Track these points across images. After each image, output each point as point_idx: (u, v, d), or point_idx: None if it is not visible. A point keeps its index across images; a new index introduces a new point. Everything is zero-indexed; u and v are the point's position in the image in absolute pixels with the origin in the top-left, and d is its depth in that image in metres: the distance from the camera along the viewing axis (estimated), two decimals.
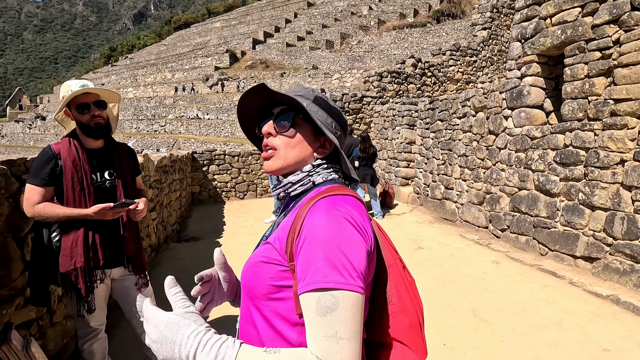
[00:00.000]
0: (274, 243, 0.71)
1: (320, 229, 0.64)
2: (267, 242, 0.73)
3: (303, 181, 0.78)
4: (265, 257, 0.70)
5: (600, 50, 3.68)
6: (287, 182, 0.79)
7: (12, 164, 1.78)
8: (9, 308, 1.66)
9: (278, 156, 0.78)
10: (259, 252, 0.73)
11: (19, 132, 35.07)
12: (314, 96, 0.81)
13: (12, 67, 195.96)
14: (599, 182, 3.65)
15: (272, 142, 0.79)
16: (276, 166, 0.78)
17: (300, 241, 0.65)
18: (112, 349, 2.27)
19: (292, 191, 0.79)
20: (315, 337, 0.58)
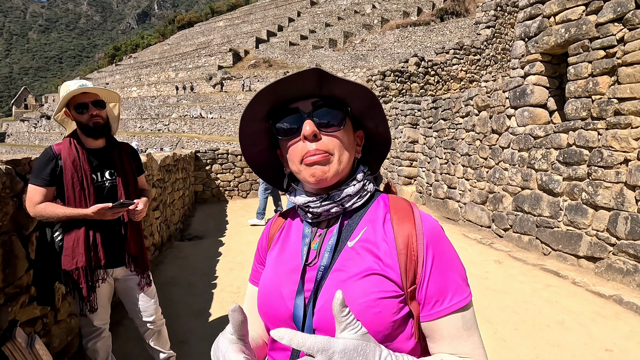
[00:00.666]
0: (384, 272, 0.60)
1: (444, 247, 0.62)
2: (370, 273, 0.60)
3: (361, 193, 0.68)
4: (382, 291, 0.59)
5: (604, 49, 3.65)
6: (345, 196, 0.65)
7: (17, 163, 1.81)
8: (14, 306, 1.68)
9: (333, 161, 0.63)
10: (365, 289, 0.59)
11: (25, 131, 35.36)
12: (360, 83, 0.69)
13: (17, 66, 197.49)
14: (603, 182, 3.63)
15: (321, 146, 0.62)
16: (333, 172, 0.63)
17: (429, 261, 0.60)
18: (116, 347, 2.29)
19: (351, 206, 0.66)
20: (465, 349, 0.60)
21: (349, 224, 0.66)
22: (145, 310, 1.89)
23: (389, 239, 0.62)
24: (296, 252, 0.68)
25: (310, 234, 0.68)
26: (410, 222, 0.63)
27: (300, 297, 0.63)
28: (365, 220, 0.66)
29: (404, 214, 0.65)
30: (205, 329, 2.76)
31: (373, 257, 0.61)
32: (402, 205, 0.67)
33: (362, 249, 0.63)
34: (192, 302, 3.18)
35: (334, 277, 0.62)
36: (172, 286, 3.51)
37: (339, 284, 0.60)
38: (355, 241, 0.64)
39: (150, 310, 1.90)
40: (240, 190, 8.47)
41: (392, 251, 0.61)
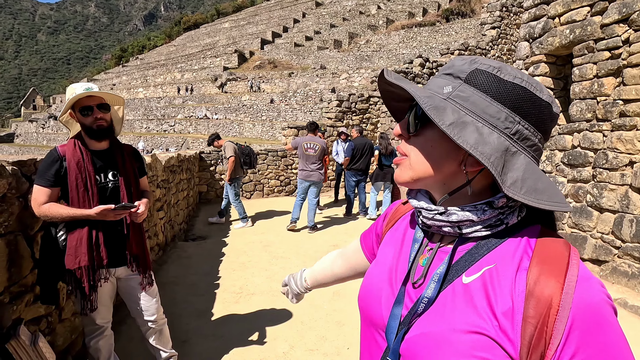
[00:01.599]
0: (498, 338, 0.46)
1: (600, 338, 0.43)
2: (478, 331, 0.47)
3: (491, 222, 0.53)
4: (485, 359, 0.46)
5: (610, 50, 3.63)
6: (465, 220, 0.53)
7: (23, 164, 1.84)
8: (19, 304, 1.71)
9: (405, 164, 0.58)
10: (464, 345, 0.47)
11: (33, 131, 35.81)
12: (470, 71, 0.53)
13: (26, 68, 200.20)
14: (608, 184, 3.60)
15: (402, 147, 0.59)
16: (404, 177, 0.58)
17: (571, 349, 0.43)
18: (119, 346, 2.32)
19: (471, 233, 0.54)
20: None
21: (471, 253, 0.53)
22: (147, 310, 1.91)
23: (516, 297, 0.47)
24: (403, 255, 0.62)
25: (421, 240, 0.60)
26: (558, 282, 0.45)
27: (398, 307, 0.56)
28: (494, 256, 0.51)
29: (553, 269, 0.47)
30: (207, 329, 2.78)
31: (488, 311, 0.48)
32: (556, 253, 0.48)
33: (478, 292, 0.50)
34: (195, 302, 3.21)
35: (436, 312, 0.52)
36: (175, 286, 3.54)
37: (439, 324, 0.50)
38: (473, 279, 0.51)
39: (152, 309, 1.93)
40: (244, 191, 8.51)
41: (516, 314, 0.46)
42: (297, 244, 4.98)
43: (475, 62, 0.53)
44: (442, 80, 0.55)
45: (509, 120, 0.50)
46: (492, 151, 0.48)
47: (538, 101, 0.51)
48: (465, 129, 0.49)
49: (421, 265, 0.57)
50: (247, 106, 24.28)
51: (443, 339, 0.49)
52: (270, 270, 4.03)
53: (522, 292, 0.47)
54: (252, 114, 23.56)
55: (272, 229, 5.76)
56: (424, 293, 0.53)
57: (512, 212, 0.53)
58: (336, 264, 0.93)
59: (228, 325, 2.84)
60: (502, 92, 0.51)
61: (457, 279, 0.52)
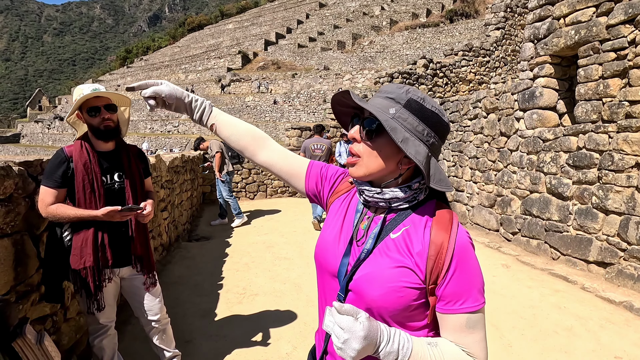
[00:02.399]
0: (415, 268, 0.73)
1: (468, 262, 0.73)
2: (402, 265, 0.74)
3: (409, 198, 0.79)
4: (409, 282, 0.73)
5: (615, 51, 3.60)
6: (393, 197, 0.78)
7: (29, 165, 1.85)
8: (25, 303, 1.73)
9: (361, 164, 0.78)
10: (396, 277, 0.73)
11: (39, 132, 36.10)
12: (407, 99, 0.75)
13: (32, 69, 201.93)
14: (613, 186, 3.57)
15: (355, 149, 0.79)
16: (359, 174, 0.79)
17: (451, 271, 0.72)
18: (123, 345, 2.33)
19: (397, 206, 0.79)
20: (465, 341, 0.73)
21: (395, 219, 0.79)
22: (151, 310, 1.92)
23: (424, 243, 0.74)
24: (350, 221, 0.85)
25: (361, 211, 0.84)
26: (446, 234, 0.73)
27: (347, 258, 0.80)
28: (410, 220, 0.78)
29: (444, 226, 0.75)
30: (211, 329, 2.79)
31: (407, 253, 0.75)
32: (445, 217, 0.77)
33: (401, 243, 0.76)
34: (199, 302, 3.22)
35: (373, 258, 0.77)
36: (179, 286, 3.56)
37: (376, 266, 0.75)
38: (398, 235, 0.77)
39: (155, 309, 1.93)
40: (248, 192, 8.53)
41: (424, 253, 0.73)
42: (300, 245, 4.99)
43: (409, 92, 0.76)
44: (385, 102, 0.76)
45: (429, 136, 0.76)
46: (423, 158, 0.73)
47: (443, 122, 0.78)
48: (408, 143, 0.72)
49: (362, 229, 0.82)
50: (251, 107, 24.34)
51: (379, 273, 0.75)
52: (273, 271, 4.04)
53: (427, 241, 0.74)
54: (256, 115, 23.61)
55: (276, 230, 5.77)
56: (365, 246, 0.79)
57: (421, 192, 0.80)
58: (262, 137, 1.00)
59: (231, 326, 2.84)
60: (425, 116, 0.75)
61: (386, 237, 0.78)
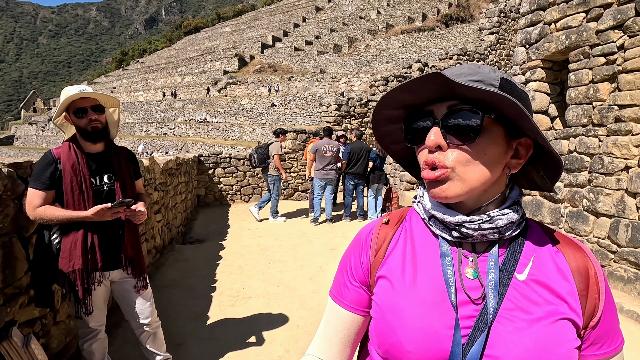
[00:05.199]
0: (574, 316, 0.53)
1: (609, 291, 0.58)
2: (561, 317, 0.52)
3: (519, 220, 0.58)
4: (575, 339, 0.53)
5: (605, 56, 3.66)
6: (508, 223, 0.55)
7: (19, 166, 1.85)
8: (13, 306, 1.72)
9: (454, 178, 0.54)
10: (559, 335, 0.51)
11: (33, 134, 35.84)
12: (499, 79, 0.54)
13: (27, 70, 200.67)
14: (604, 189, 3.61)
15: (441, 160, 0.54)
16: (454, 192, 0.54)
17: (602, 304, 0.55)
18: (113, 348, 2.31)
19: (510, 234, 0.57)
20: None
21: (511, 252, 0.56)
22: (141, 313, 1.91)
23: (567, 276, 0.55)
24: (436, 276, 0.57)
25: (450, 253, 0.57)
26: (584, 256, 0.56)
27: (458, 332, 0.53)
28: (528, 249, 0.57)
29: (576, 248, 0.57)
30: (203, 332, 2.78)
31: (554, 297, 0.53)
32: (563, 236, 0.60)
33: (537, 284, 0.54)
34: (191, 305, 3.20)
35: (508, 318, 0.52)
36: (172, 289, 3.54)
37: (524, 327, 0.51)
38: (527, 273, 0.55)
39: (146, 312, 1.92)
40: (243, 195, 8.51)
41: (574, 292, 0.54)
42: (294, 248, 4.98)
43: (495, 70, 0.56)
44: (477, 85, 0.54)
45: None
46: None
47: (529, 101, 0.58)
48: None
49: (470, 278, 0.55)
50: (247, 109, 24.35)
51: (539, 337, 0.51)
52: (267, 273, 4.03)
53: (569, 271, 0.56)
54: (252, 118, 23.61)
55: (270, 233, 5.76)
56: (488, 304, 0.53)
57: (520, 206, 0.59)
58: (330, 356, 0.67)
59: (224, 329, 2.83)
60: (522, 99, 0.55)
61: (512, 279, 0.54)
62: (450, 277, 0.55)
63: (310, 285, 3.67)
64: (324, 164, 6.08)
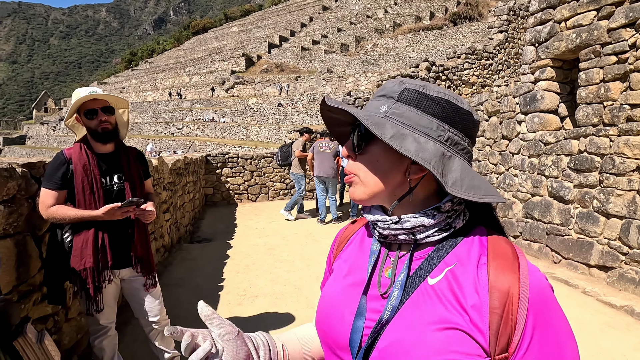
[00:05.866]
0: (470, 330, 0.50)
1: (553, 317, 0.50)
2: (451, 326, 0.50)
3: (441, 226, 0.57)
4: (464, 354, 0.49)
5: (616, 55, 3.60)
6: (418, 226, 0.56)
7: (32, 166, 1.89)
8: (27, 303, 1.76)
9: (357, 182, 0.61)
10: (443, 344, 0.50)
11: (44, 133, 36.44)
12: (400, 90, 0.58)
13: (38, 71, 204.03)
14: (615, 189, 3.56)
15: (349, 166, 0.62)
16: (358, 195, 0.61)
17: (528, 334, 0.49)
18: (123, 345, 2.35)
19: (425, 238, 0.57)
20: None
21: (432, 257, 0.57)
22: (151, 311, 1.94)
23: (481, 290, 0.51)
24: (362, 268, 0.62)
25: (378, 251, 0.62)
26: (514, 275, 0.51)
27: (360, 320, 0.57)
28: (453, 256, 0.55)
29: (507, 263, 0.52)
30: None
31: (458, 307, 0.51)
32: (504, 249, 0.54)
33: (444, 291, 0.53)
34: None
35: (405, 317, 0.53)
36: (179, 287, 3.58)
37: (410, 328, 0.52)
38: (438, 279, 0.54)
39: (155, 310, 1.95)
40: (250, 194, 8.56)
41: (483, 307, 0.50)
42: (301, 247, 5.00)
43: (404, 82, 0.59)
44: (377, 101, 0.60)
45: (440, 129, 0.56)
46: (431, 156, 0.53)
47: (461, 110, 0.58)
48: (405, 140, 0.54)
49: (387, 277, 0.59)
50: (254, 109, 24.45)
51: (417, 341, 0.51)
52: (274, 273, 4.05)
53: (486, 286, 0.51)
54: (259, 117, 23.70)
55: (277, 232, 5.79)
56: (388, 301, 0.55)
57: (457, 216, 0.58)
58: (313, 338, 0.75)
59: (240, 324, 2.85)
60: (429, 105, 0.56)
61: (422, 282, 0.55)
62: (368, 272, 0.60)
63: (316, 285, 3.68)
64: (321, 163, 6.11)
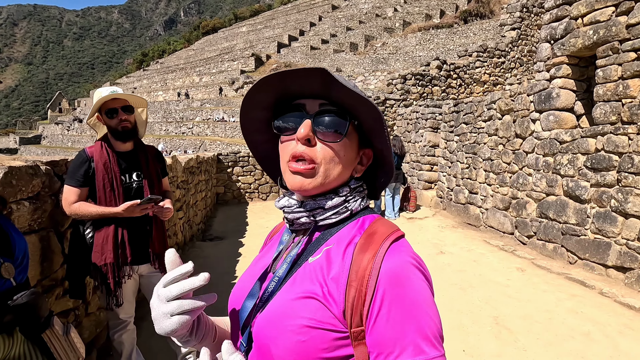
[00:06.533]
0: (325, 300, 0.52)
1: (403, 291, 0.51)
2: (309, 295, 0.53)
3: (339, 209, 0.60)
4: (314, 320, 0.51)
5: (636, 51, 3.52)
6: (317, 207, 0.59)
7: (55, 164, 1.94)
8: (50, 297, 1.80)
9: (318, 173, 0.58)
10: (295, 310, 0.52)
11: (59, 133, 37.16)
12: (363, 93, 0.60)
13: (53, 72, 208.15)
14: (633, 189, 3.48)
15: (310, 153, 0.57)
16: (314, 185, 0.58)
17: (377, 302, 0.50)
18: (141, 341, 2.40)
19: (322, 220, 0.60)
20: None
21: (319, 239, 0.60)
22: None
23: (344, 266, 0.54)
24: (270, 256, 0.66)
25: (287, 241, 0.64)
26: (372, 253, 0.53)
27: (251, 300, 0.60)
28: (335, 238, 0.59)
29: (373, 242, 0.55)
30: None
31: (321, 279, 0.54)
32: (380, 231, 0.56)
33: (316, 268, 0.56)
34: None
35: (284, 290, 0.57)
36: None
37: (284, 299, 0.56)
38: (316, 258, 0.57)
39: None
40: (261, 193, 8.61)
41: (341, 279, 0.53)
42: None
43: None
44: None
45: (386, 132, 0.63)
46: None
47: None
48: None
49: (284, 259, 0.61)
50: None
51: (281, 310, 0.54)
52: None
53: (349, 262, 0.54)
54: None
55: None
56: (276, 273, 0.59)
57: (355, 201, 0.62)
58: None
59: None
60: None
61: (305, 262, 0.58)
62: (271, 259, 0.63)
63: None
64: None
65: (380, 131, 0.61)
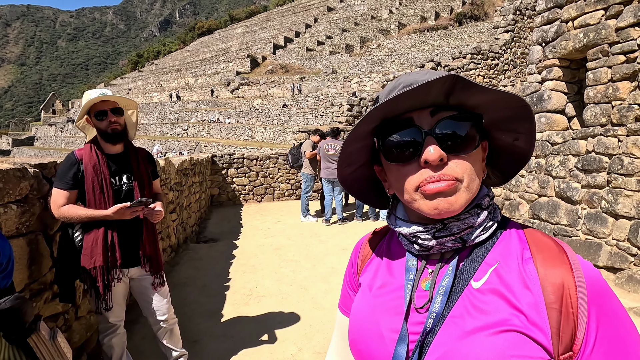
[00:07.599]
0: (527, 329, 0.46)
1: (614, 307, 0.47)
2: (508, 329, 0.46)
3: (485, 224, 0.53)
4: (525, 357, 0.45)
5: (625, 54, 3.57)
6: (466, 228, 0.52)
7: (44, 167, 1.92)
8: (38, 301, 1.79)
9: (462, 190, 0.50)
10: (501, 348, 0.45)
11: (52, 135, 36.85)
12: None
13: (46, 73, 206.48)
14: (623, 190, 3.52)
15: (448, 173, 0.49)
16: (460, 203, 0.50)
17: (593, 327, 0.45)
18: (132, 344, 2.38)
19: (473, 240, 0.53)
20: None
21: (472, 259, 0.52)
22: (159, 310, 1.97)
23: (532, 286, 0.47)
24: (398, 288, 0.56)
25: (415, 267, 0.55)
26: (565, 267, 0.47)
27: (402, 345, 0.51)
28: (494, 255, 0.52)
29: (554, 255, 0.49)
30: (217, 329, 2.83)
31: (510, 308, 0.47)
32: (546, 242, 0.51)
33: (493, 294, 0.48)
34: (206, 303, 3.26)
35: (453, 326, 0.49)
36: (186, 287, 3.61)
37: (461, 336, 0.47)
38: (483, 282, 0.50)
39: (163, 309, 1.98)
40: (255, 195, 8.59)
41: (539, 303, 0.46)
42: (307, 247, 5.01)
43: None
44: None
45: None
46: None
47: None
48: None
49: (424, 289, 0.53)
50: (259, 110, 24.52)
51: (472, 349, 0.46)
52: (280, 273, 4.07)
53: (537, 281, 0.47)
54: (264, 118, 23.77)
55: (283, 233, 5.81)
56: (431, 309, 0.50)
57: (496, 210, 0.56)
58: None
59: (238, 327, 2.88)
60: None
61: (466, 287, 0.50)
62: (408, 292, 0.54)
63: (322, 285, 3.69)
64: (328, 165, 6.09)
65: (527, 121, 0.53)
